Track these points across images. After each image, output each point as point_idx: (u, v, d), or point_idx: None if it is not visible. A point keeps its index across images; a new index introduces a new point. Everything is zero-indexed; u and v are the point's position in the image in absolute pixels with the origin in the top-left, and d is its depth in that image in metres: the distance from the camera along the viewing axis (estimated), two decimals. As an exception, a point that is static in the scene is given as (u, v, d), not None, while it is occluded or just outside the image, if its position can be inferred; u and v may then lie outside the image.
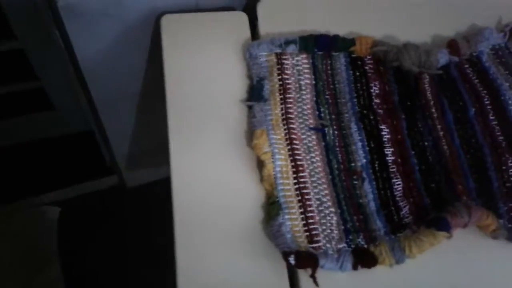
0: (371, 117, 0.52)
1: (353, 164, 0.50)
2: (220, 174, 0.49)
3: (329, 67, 0.55)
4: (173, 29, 0.57)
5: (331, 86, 0.54)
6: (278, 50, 0.54)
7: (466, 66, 0.57)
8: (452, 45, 0.56)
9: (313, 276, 0.43)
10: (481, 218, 0.46)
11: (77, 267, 0.99)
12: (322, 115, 0.52)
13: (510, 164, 0.51)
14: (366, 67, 0.55)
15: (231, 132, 0.51)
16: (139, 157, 0.94)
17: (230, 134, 0.51)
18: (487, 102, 0.54)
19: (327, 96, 0.53)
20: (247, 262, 0.45)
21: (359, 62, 0.55)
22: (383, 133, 0.51)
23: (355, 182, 0.49)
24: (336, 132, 0.51)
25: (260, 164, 0.49)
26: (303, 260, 0.43)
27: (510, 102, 0.54)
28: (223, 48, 0.56)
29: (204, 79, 0.54)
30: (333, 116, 0.52)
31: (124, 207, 1.06)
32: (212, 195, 0.48)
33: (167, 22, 0.57)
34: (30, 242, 0.97)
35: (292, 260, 0.42)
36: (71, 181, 1.02)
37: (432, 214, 0.47)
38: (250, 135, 0.50)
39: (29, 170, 1.00)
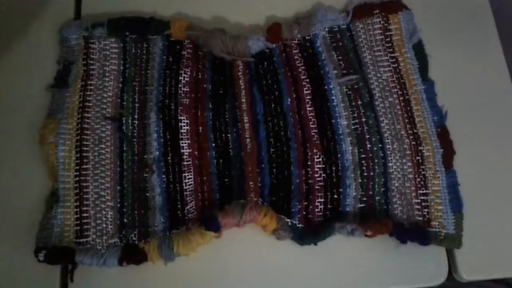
0: (172, 107, 0.49)
1: (146, 156, 0.48)
2: (12, 166, 0.48)
3: (144, 52, 0.52)
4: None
5: (142, 72, 0.51)
6: (86, 34, 0.51)
7: (296, 51, 0.52)
8: (272, 30, 0.51)
9: (71, 272, 0.43)
10: (255, 218, 0.44)
11: None
12: (125, 103, 0.50)
13: (317, 160, 0.48)
14: (184, 52, 0.52)
15: (34, 120, 0.50)
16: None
17: (33, 123, 0.50)
18: (307, 92, 0.50)
19: (135, 83, 0.51)
20: (21, 255, 0.45)
21: (178, 47, 0.52)
22: (182, 124, 0.48)
23: (146, 175, 0.48)
24: (136, 122, 0.49)
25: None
26: (56, 256, 0.43)
27: (333, 92, 0.50)
28: (44, 30, 0.54)
29: (19, 63, 0.53)
30: (137, 105, 0.50)
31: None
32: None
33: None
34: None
35: (41, 256, 0.42)
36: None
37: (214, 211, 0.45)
38: (46, 124, 0.49)
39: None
